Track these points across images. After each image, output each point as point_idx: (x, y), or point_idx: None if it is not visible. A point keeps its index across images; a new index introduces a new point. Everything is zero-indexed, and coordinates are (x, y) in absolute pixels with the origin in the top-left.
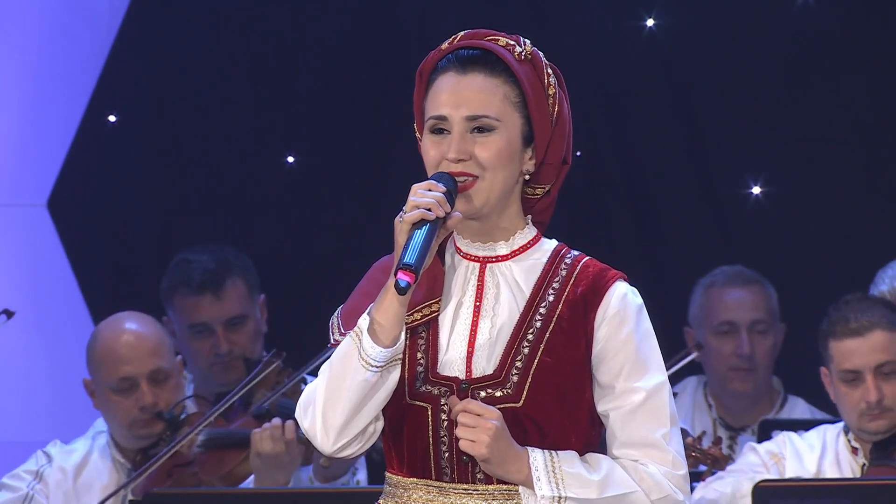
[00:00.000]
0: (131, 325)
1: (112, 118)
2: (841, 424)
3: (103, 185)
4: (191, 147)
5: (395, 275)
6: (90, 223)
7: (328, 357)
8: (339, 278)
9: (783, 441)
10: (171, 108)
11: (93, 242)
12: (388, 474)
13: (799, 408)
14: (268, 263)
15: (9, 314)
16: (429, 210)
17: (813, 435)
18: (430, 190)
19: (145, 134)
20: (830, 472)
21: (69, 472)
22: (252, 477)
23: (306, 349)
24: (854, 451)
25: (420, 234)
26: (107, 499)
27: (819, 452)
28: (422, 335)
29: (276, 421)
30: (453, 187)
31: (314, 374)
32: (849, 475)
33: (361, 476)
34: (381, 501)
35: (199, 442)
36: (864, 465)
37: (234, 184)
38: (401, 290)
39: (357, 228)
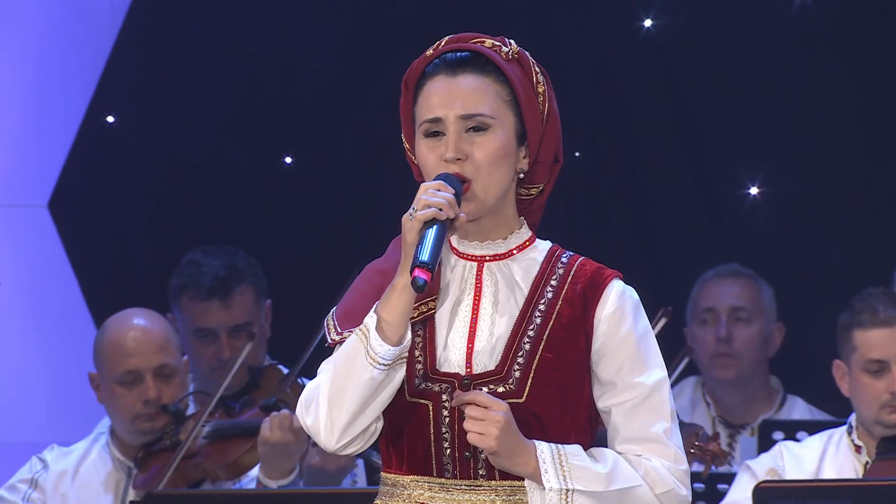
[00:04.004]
0: (140, 321)
1: (111, 119)
2: (844, 427)
3: (104, 185)
4: (190, 148)
5: (412, 272)
6: (91, 224)
7: (311, 356)
8: (335, 279)
9: (779, 453)
10: (171, 109)
11: (93, 243)
12: (384, 474)
13: (798, 407)
14: (265, 263)
15: None
16: (440, 210)
17: (815, 438)
18: (439, 190)
19: (145, 135)
20: (830, 472)
21: (67, 474)
22: (257, 466)
23: (303, 350)
24: (857, 449)
25: (432, 233)
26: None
27: (819, 453)
28: (418, 333)
29: (285, 411)
30: (459, 189)
31: (305, 375)
32: (850, 474)
33: (361, 483)
34: (378, 502)
35: (205, 433)
36: (866, 462)
37: (233, 184)
38: (418, 288)
39: (354, 229)
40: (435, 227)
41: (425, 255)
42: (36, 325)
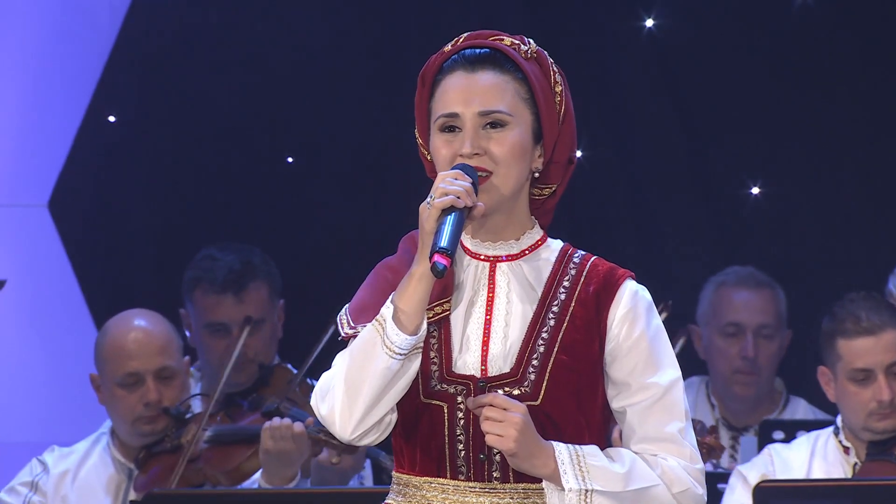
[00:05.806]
0: (141, 322)
1: (112, 118)
2: (830, 428)
3: (104, 185)
4: (190, 147)
5: (432, 258)
6: (90, 224)
7: (318, 357)
8: (337, 279)
9: (769, 458)
10: (171, 108)
11: (93, 243)
12: (396, 474)
13: (801, 408)
14: None
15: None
16: (458, 198)
17: (802, 440)
18: (456, 179)
19: (145, 134)
20: (819, 474)
21: (68, 475)
22: (259, 472)
23: (307, 349)
24: (846, 450)
25: (451, 220)
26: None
27: (807, 455)
28: (433, 334)
29: (287, 420)
30: (476, 179)
31: (312, 375)
32: (839, 475)
33: (368, 484)
34: (389, 501)
35: (207, 437)
36: (855, 464)
37: (234, 184)
38: (438, 273)
39: (356, 229)
40: (453, 214)
41: (445, 241)
42: (36, 325)
